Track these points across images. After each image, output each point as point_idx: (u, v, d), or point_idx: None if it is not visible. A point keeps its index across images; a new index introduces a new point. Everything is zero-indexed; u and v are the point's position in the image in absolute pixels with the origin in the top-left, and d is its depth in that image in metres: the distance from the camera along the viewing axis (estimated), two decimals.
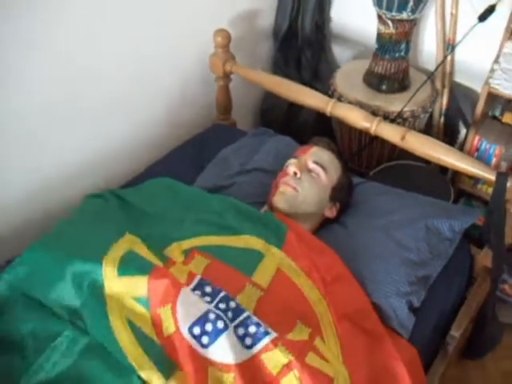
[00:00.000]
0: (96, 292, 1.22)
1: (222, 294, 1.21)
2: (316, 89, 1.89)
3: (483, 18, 1.76)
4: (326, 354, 1.21)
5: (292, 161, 1.60)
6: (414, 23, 1.98)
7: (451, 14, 2.05)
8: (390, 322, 1.42)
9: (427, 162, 2.22)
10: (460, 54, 2.12)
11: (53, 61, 1.57)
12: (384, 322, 1.40)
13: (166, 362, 1.13)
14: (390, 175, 2.07)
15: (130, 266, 1.25)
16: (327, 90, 2.15)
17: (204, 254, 1.35)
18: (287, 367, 1.13)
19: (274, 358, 1.14)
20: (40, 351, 1.17)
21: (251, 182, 1.75)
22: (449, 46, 2.11)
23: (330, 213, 1.60)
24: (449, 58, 2.11)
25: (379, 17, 1.98)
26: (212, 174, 1.84)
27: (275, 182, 1.58)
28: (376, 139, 2.08)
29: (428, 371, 1.52)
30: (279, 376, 1.12)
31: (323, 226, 1.62)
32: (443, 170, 2.27)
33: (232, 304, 1.20)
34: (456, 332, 1.57)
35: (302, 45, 2.39)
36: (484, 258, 1.70)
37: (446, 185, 2.06)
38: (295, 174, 1.53)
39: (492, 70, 1.79)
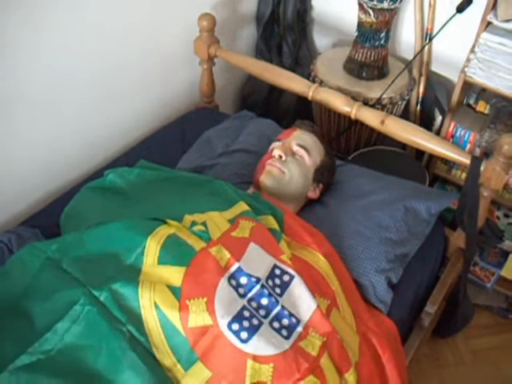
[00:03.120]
0: (132, 271, 1.24)
1: (254, 290, 1.25)
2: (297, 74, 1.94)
3: (461, 9, 1.83)
4: (340, 324, 1.30)
5: (276, 144, 1.64)
6: (394, 12, 2.03)
7: (429, 4, 2.11)
8: (369, 298, 1.49)
9: (403, 148, 2.31)
10: (437, 44, 2.18)
11: (38, 43, 1.58)
12: (364, 298, 1.47)
13: (187, 352, 1.15)
14: (367, 160, 2.11)
15: (170, 254, 1.26)
16: (307, 76, 2.19)
17: (247, 218, 1.39)
18: (323, 347, 1.22)
19: (311, 343, 1.22)
20: (55, 319, 1.17)
21: (235, 163, 1.79)
22: (427, 36, 2.17)
23: (314, 194, 1.65)
24: (426, 47, 2.18)
25: (360, 5, 2.03)
26: (195, 155, 1.87)
27: (260, 164, 1.62)
28: (355, 125, 2.14)
29: (404, 345, 1.59)
30: (319, 357, 1.21)
31: (305, 207, 1.67)
32: (418, 155, 2.34)
33: (263, 301, 1.24)
34: (431, 308, 1.65)
35: (284, 31, 2.43)
36: (457, 239, 1.78)
37: (421, 170, 2.13)
38: (280, 156, 1.57)
39: (468, 60, 1.85)
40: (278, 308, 1.25)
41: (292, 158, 1.58)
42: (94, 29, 1.72)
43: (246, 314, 1.21)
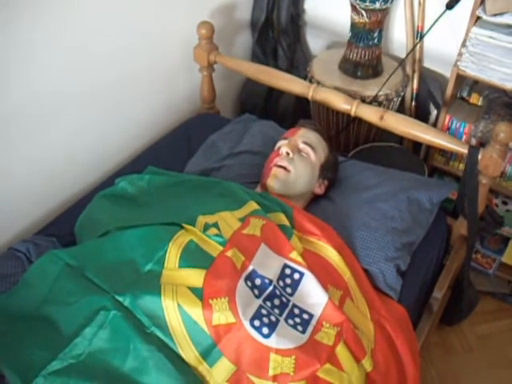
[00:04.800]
0: (153, 275, 1.28)
1: (268, 291, 1.32)
2: None
3: (451, 6, 1.90)
4: (354, 314, 1.37)
5: (283, 142, 1.70)
6: (386, 12, 2.10)
7: (419, 3, 2.18)
8: (380, 285, 1.55)
9: (400, 144, 2.38)
10: (428, 41, 2.26)
11: (42, 50, 1.61)
12: (374, 286, 1.53)
13: (211, 349, 1.20)
14: (367, 156, 2.17)
15: (190, 259, 1.31)
16: (304, 78, 2.25)
17: (258, 217, 1.45)
18: (338, 336, 1.29)
19: (326, 334, 1.29)
20: (83, 324, 1.21)
21: (241, 164, 1.85)
22: (418, 34, 2.24)
23: (320, 190, 1.71)
24: (418, 45, 2.25)
25: (353, 7, 2.09)
26: (202, 159, 1.92)
27: (268, 164, 1.67)
28: (353, 122, 2.20)
29: (415, 330, 1.64)
30: (334, 345, 1.28)
31: (311, 203, 1.73)
32: (416, 150, 2.41)
33: (276, 301, 1.31)
34: (438, 293, 1.71)
35: (279, 36, 2.50)
36: (459, 226, 1.84)
37: (419, 163, 2.20)
38: (288, 154, 1.63)
39: (460, 54, 1.92)
40: (290, 307, 1.32)
41: (298, 156, 1.64)
42: (95, 42, 1.77)
43: (264, 312, 1.27)
